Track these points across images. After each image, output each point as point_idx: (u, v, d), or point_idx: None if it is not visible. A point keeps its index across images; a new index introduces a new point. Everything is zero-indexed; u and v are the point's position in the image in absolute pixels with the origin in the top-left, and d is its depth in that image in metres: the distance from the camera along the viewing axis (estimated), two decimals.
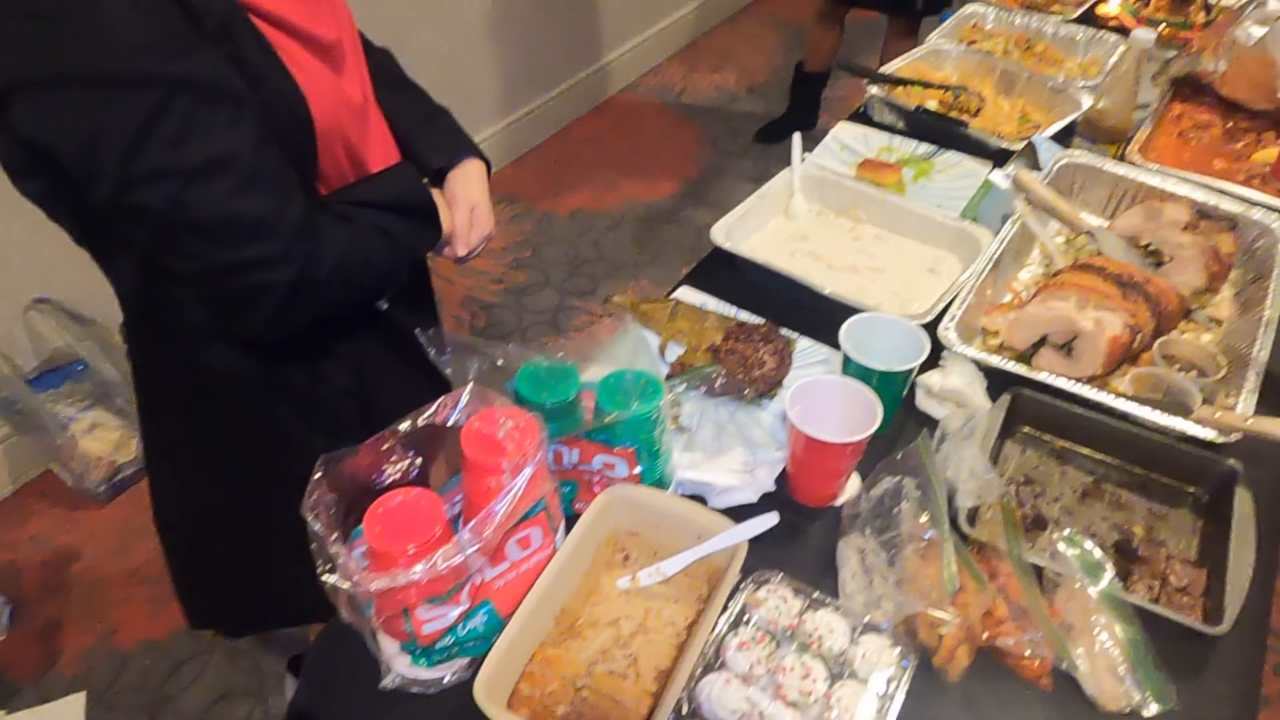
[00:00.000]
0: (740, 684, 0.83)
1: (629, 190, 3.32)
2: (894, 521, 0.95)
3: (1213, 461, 1.06)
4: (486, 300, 2.82)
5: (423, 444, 0.82)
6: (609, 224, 3.15)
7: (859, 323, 1.13)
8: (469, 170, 1.20)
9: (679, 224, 3.16)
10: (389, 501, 0.76)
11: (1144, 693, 0.81)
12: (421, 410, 0.82)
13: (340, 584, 0.72)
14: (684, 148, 3.55)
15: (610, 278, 2.92)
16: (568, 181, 3.35)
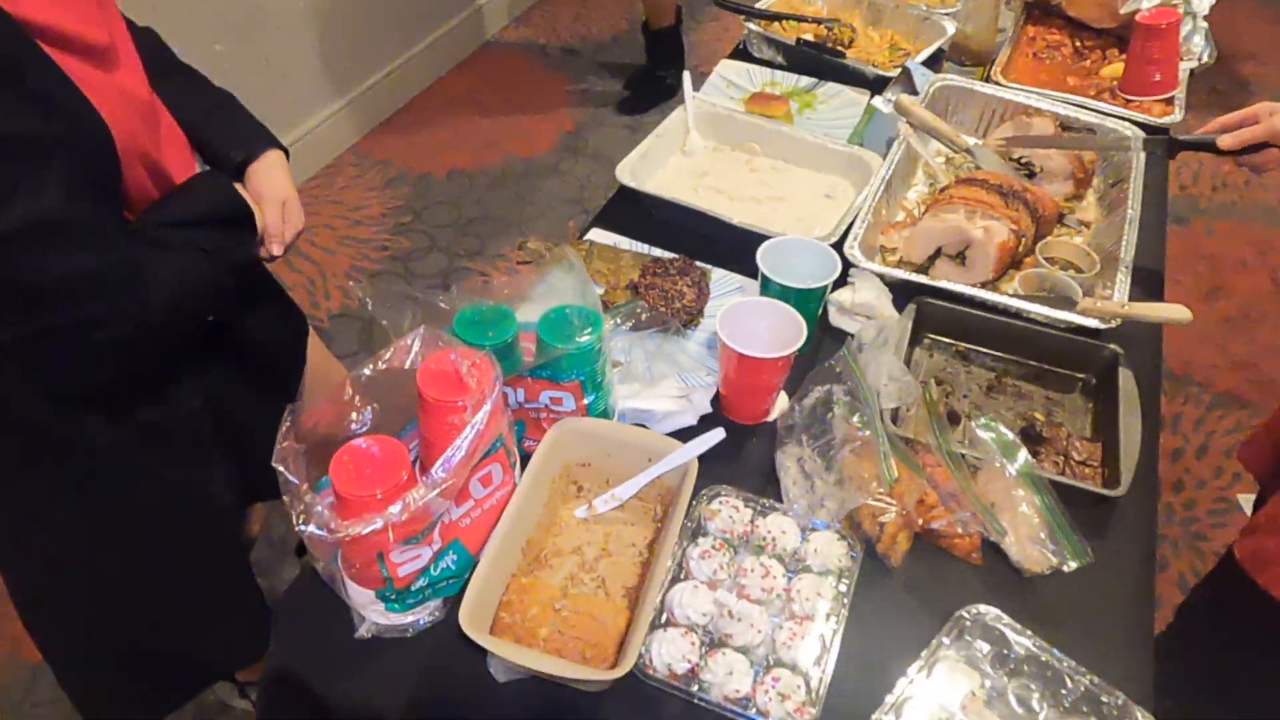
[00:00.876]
0: (706, 589, 0.88)
1: (506, 146, 3.28)
2: (827, 427, 1.03)
3: (1096, 348, 1.19)
4: (372, 269, 2.74)
5: (379, 390, 0.83)
6: (489, 182, 3.12)
7: (774, 246, 1.19)
8: (271, 162, 1.14)
9: (560, 177, 3.16)
10: (353, 449, 0.77)
11: (1063, 553, 0.92)
12: (379, 354, 0.82)
13: (316, 532, 0.72)
14: (557, 99, 3.53)
15: (498, 235, 2.90)
16: (442, 141, 3.28)
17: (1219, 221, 3.04)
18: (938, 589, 0.95)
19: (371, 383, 0.81)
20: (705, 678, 0.82)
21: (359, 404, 0.81)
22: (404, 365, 0.81)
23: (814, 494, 0.99)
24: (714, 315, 1.25)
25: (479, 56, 3.77)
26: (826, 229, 1.37)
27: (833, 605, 0.88)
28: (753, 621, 0.85)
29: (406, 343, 0.82)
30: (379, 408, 0.83)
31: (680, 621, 0.86)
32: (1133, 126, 1.58)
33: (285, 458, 0.73)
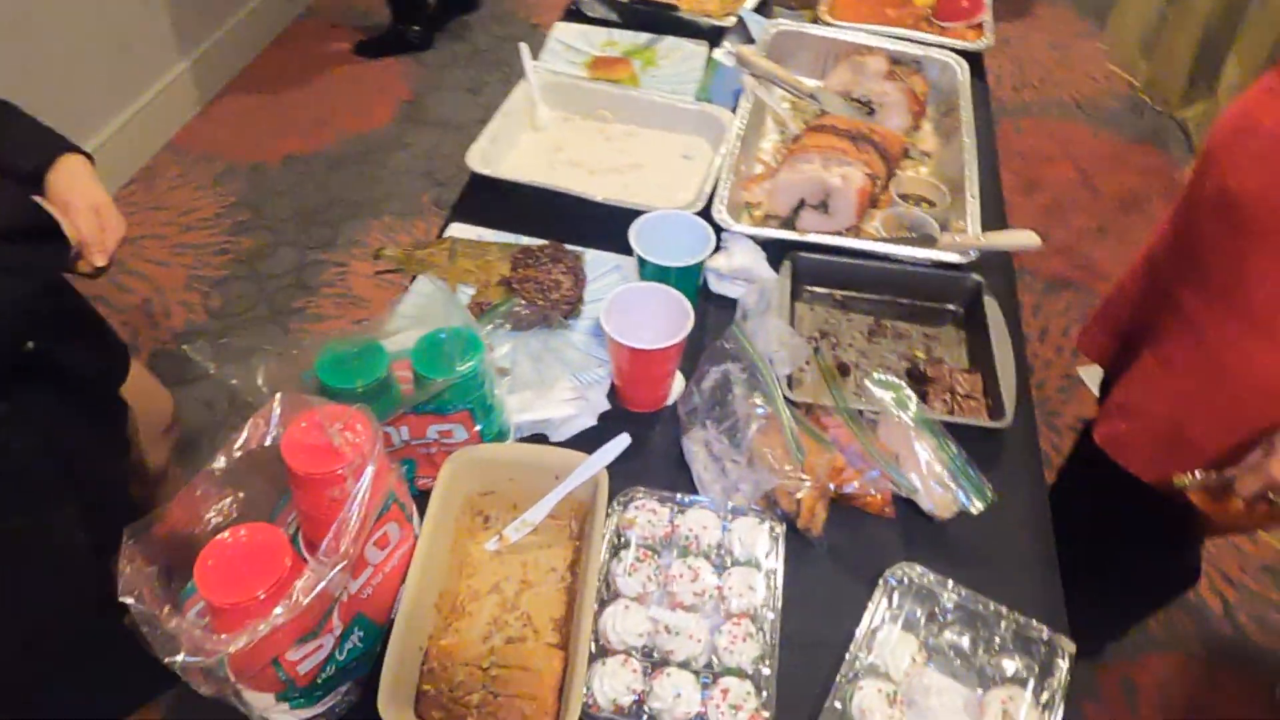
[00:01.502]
0: (638, 606, 0.80)
1: (340, 124, 2.98)
2: (729, 408, 0.96)
3: (961, 279, 1.17)
4: (215, 276, 2.44)
5: (240, 475, 0.68)
6: (329, 164, 2.83)
7: (645, 225, 1.09)
8: (73, 168, 0.98)
9: (407, 149, 2.90)
10: (219, 548, 0.63)
11: (969, 495, 0.90)
12: (232, 440, 0.67)
13: (190, 662, 0.59)
14: (386, 67, 3.23)
15: (350, 220, 2.64)
16: (269, 126, 2.94)
17: (1024, 119, 3.16)
18: (860, 552, 0.91)
19: (229, 473, 0.67)
20: (653, 705, 0.74)
21: (216, 497, 0.67)
22: (265, 443, 0.67)
23: (727, 478, 0.93)
24: (595, 300, 1.15)
25: (293, 31, 3.39)
26: (689, 194, 1.28)
27: (766, 595, 0.82)
28: (691, 633, 0.78)
29: (263, 418, 0.68)
30: (242, 495, 0.68)
31: (617, 648, 0.78)
32: (953, 55, 1.56)
33: (132, 587, 0.59)
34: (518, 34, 3.49)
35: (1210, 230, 1.02)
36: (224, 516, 0.67)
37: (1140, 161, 3.00)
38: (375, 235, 2.60)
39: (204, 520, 0.66)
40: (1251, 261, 0.97)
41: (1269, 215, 0.93)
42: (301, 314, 2.34)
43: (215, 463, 0.66)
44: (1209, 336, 1.05)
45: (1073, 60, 3.46)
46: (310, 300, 2.39)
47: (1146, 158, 3.02)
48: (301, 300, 2.39)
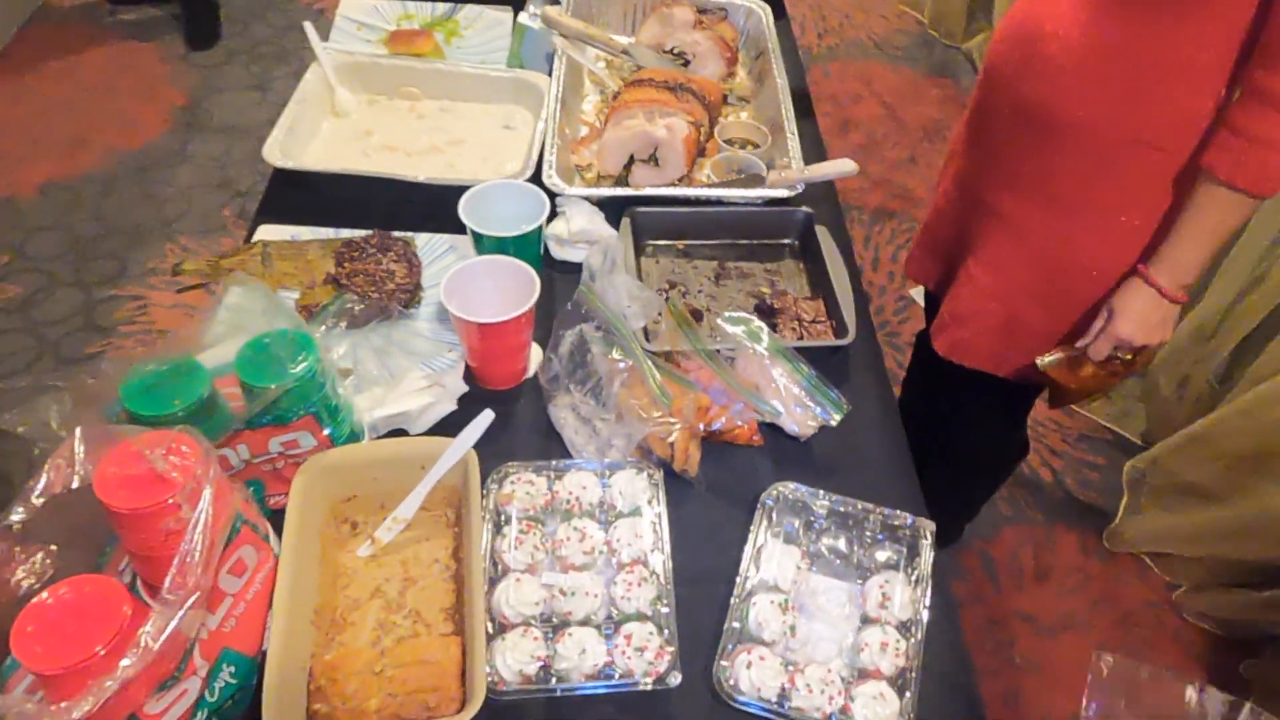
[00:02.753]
0: (529, 577, 0.81)
1: (105, 141, 2.70)
2: (590, 369, 0.97)
3: (792, 213, 1.24)
4: None
5: (47, 527, 0.62)
6: (100, 189, 2.57)
7: (474, 197, 1.08)
8: None
9: (192, 162, 2.69)
10: (37, 611, 0.57)
11: (826, 409, 0.96)
12: (29, 488, 0.60)
13: None
14: (151, 70, 2.96)
15: (139, 247, 2.42)
16: (15, 154, 2.63)
17: (831, 64, 3.35)
18: (736, 482, 0.96)
19: (32, 526, 0.60)
20: (560, 667, 0.75)
21: (20, 556, 0.60)
22: (71, 485, 0.61)
23: (599, 436, 0.94)
24: (434, 285, 1.13)
25: (27, 36, 3.04)
26: (517, 164, 1.28)
27: (653, 539, 0.85)
28: (586, 590, 0.80)
29: (64, 456, 0.62)
30: (55, 549, 0.62)
31: (514, 622, 0.78)
32: (756, 1, 1.63)
33: None
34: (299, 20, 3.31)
35: (1011, 135, 1.13)
36: (37, 577, 0.61)
37: (937, 93, 3.27)
38: (173, 261, 2.40)
39: (13, 584, 0.59)
40: (1055, 156, 1.07)
41: (1065, 112, 1.03)
42: (98, 360, 2.13)
43: (11, 515, 0.59)
44: (1029, 232, 1.15)
45: (867, 3, 3.70)
46: (107, 343, 2.18)
47: (942, 89, 3.29)
48: (96, 344, 2.18)
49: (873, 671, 0.80)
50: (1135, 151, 1.02)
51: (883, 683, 0.79)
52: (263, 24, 3.27)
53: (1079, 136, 1.04)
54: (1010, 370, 1.27)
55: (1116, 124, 1.02)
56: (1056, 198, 1.10)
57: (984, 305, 1.23)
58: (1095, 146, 1.04)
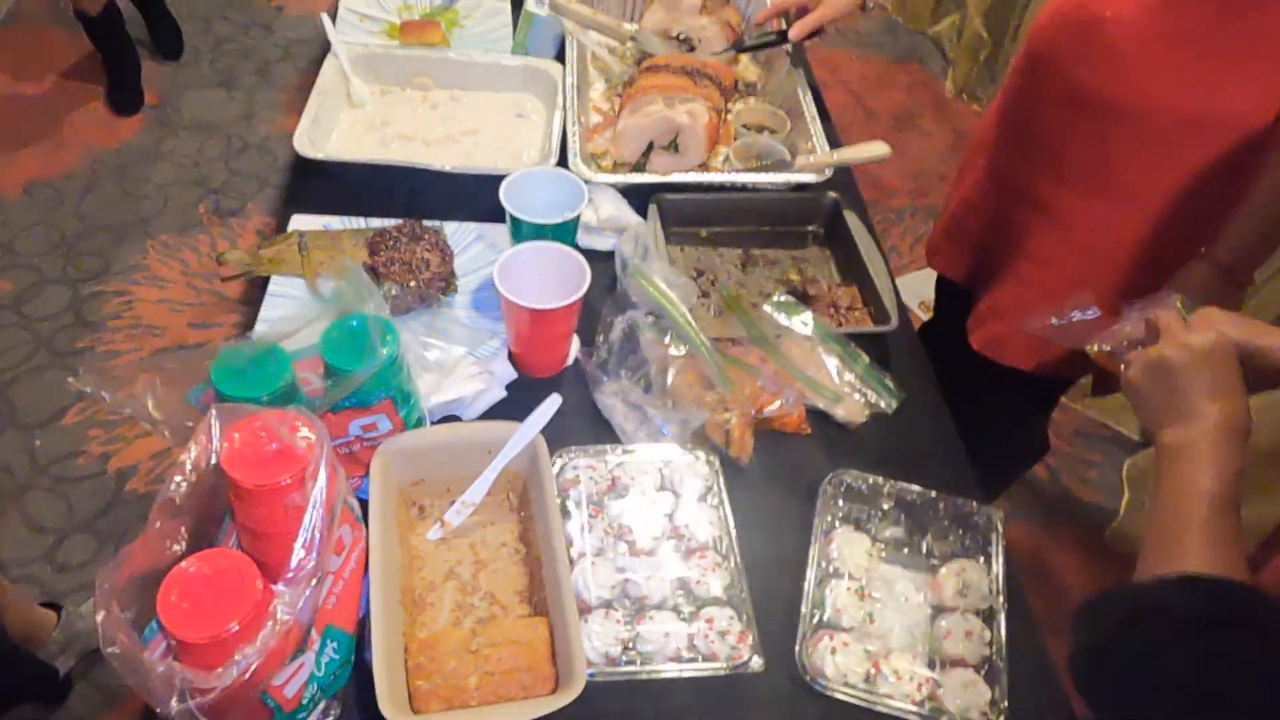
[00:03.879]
0: (603, 560, 0.84)
1: (84, 140, 2.67)
2: (640, 356, 1.00)
3: (818, 199, 1.28)
4: None
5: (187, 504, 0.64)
6: (82, 187, 2.54)
7: (512, 184, 1.10)
8: None
9: (169, 159, 2.66)
10: (181, 579, 0.60)
11: (881, 397, 1.01)
12: (181, 461, 0.63)
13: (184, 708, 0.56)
14: None
15: (122, 244, 2.39)
16: None
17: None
18: (788, 469, 0.99)
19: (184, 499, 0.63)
20: (644, 649, 0.79)
21: (173, 528, 0.63)
22: (211, 461, 0.64)
23: (650, 423, 0.97)
24: (467, 275, 1.16)
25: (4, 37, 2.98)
26: (535, 153, 1.30)
27: (720, 525, 0.89)
28: (660, 572, 0.83)
29: (204, 433, 0.64)
30: (189, 521, 0.65)
31: (594, 604, 0.81)
32: None
33: (110, 636, 0.55)
34: (261, 19, 3.28)
35: (1060, 123, 1.11)
36: (179, 547, 0.63)
37: (904, 79, 3.33)
38: (154, 257, 2.38)
39: (164, 553, 0.62)
40: (1113, 144, 1.07)
41: (1127, 97, 1.03)
42: (90, 354, 2.12)
43: (170, 489, 0.62)
44: (1079, 223, 1.14)
45: None
46: (97, 337, 2.16)
47: (909, 75, 3.36)
48: (87, 339, 2.16)
49: (957, 659, 0.82)
50: (1206, 133, 1.01)
51: (970, 670, 0.81)
52: (224, 22, 3.23)
53: (1141, 121, 1.04)
54: (1045, 365, 1.25)
55: (1186, 107, 1.00)
56: (1112, 186, 1.10)
57: (1025, 300, 1.22)
58: (1160, 131, 1.03)
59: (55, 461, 1.93)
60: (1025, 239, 1.22)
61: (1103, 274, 1.16)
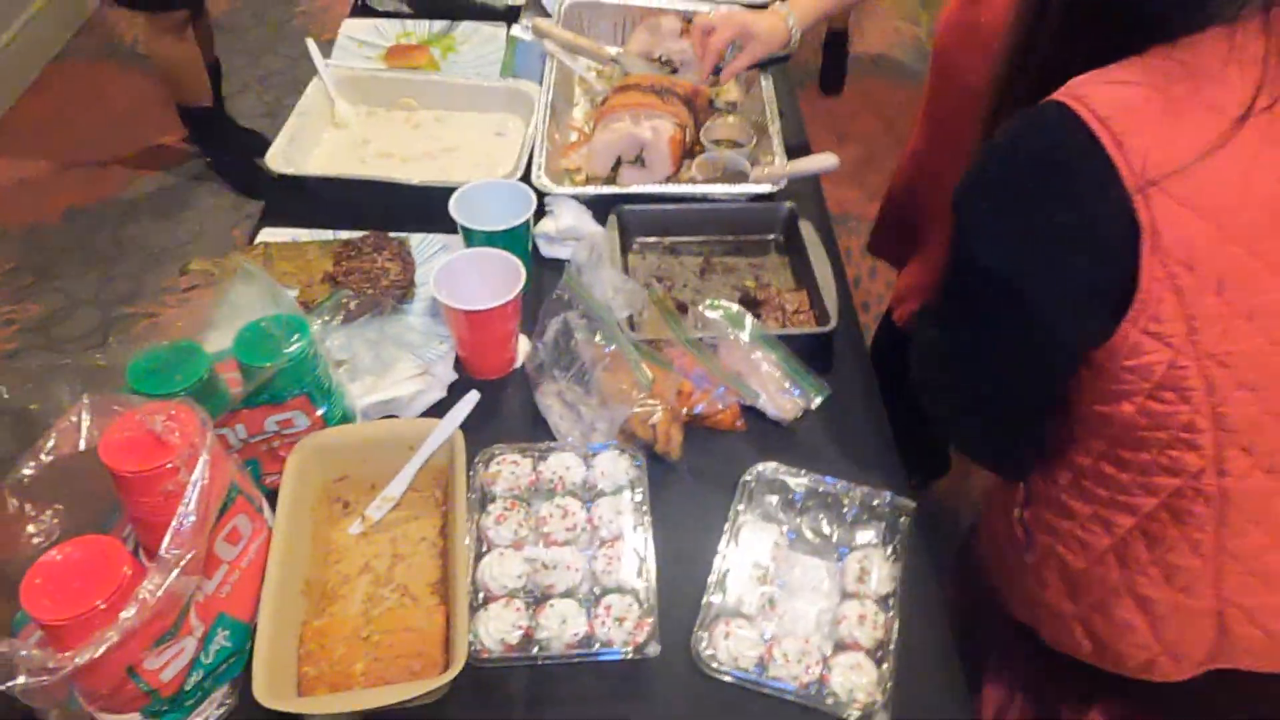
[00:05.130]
0: (513, 551, 0.84)
1: (126, 169, 2.80)
2: (574, 355, 1.01)
3: (775, 209, 1.28)
4: (4, 350, 2.25)
5: (53, 489, 0.66)
6: (120, 214, 2.66)
7: (465, 195, 1.12)
8: None
9: (208, 187, 2.77)
10: (46, 567, 0.61)
11: (808, 394, 0.99)
12: (38, 446, 0.65)
13: (33, 683, 0.57)
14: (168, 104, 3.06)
15: (153, 269, 2.50)
16: (39, 181, 2.73)
17: None
18: (719, 466, 0.98)
19: (39, 483, 0.65)
20: (541, 636, 0.78)
21: (31, 513, 0.65)
22: (77, 448, 0.66)
23: (583, 421, 0.98)
24: (427, 283, 1.17)
25: (57, 71, 3.16)
26: (508, 168, 1.32)
27: (635, 517, 0.88)
28: (568, 564, 0.83)
29: (70, 420, 0.66)
30: (62, 509, 0.66)
31: (498, 594, 0.81)
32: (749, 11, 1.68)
33: None
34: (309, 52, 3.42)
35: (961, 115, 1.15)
36: (46, 535, 0.65)
37: None
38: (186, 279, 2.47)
39: (20, 540, 0.64)
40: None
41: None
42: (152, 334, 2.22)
43: (22, 469, 0.64)
44: None
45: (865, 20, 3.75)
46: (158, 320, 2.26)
47: None
48: (147, 320, 2.26)
49: (851, 644, 0.82)
50: None
51: (860, 654, 0.81)
52: (273, 55, 3.38)
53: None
54: None
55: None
56: None
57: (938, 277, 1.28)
58: None
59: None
60: (939, 220, 1.26)
61: None
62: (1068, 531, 0.86)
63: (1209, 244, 0.66)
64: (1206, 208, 0.66)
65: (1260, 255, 0.67)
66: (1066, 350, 0.74)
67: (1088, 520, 0.84)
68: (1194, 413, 0.72)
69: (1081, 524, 0.84)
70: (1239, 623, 0.81)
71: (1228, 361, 0.70)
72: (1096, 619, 0.87)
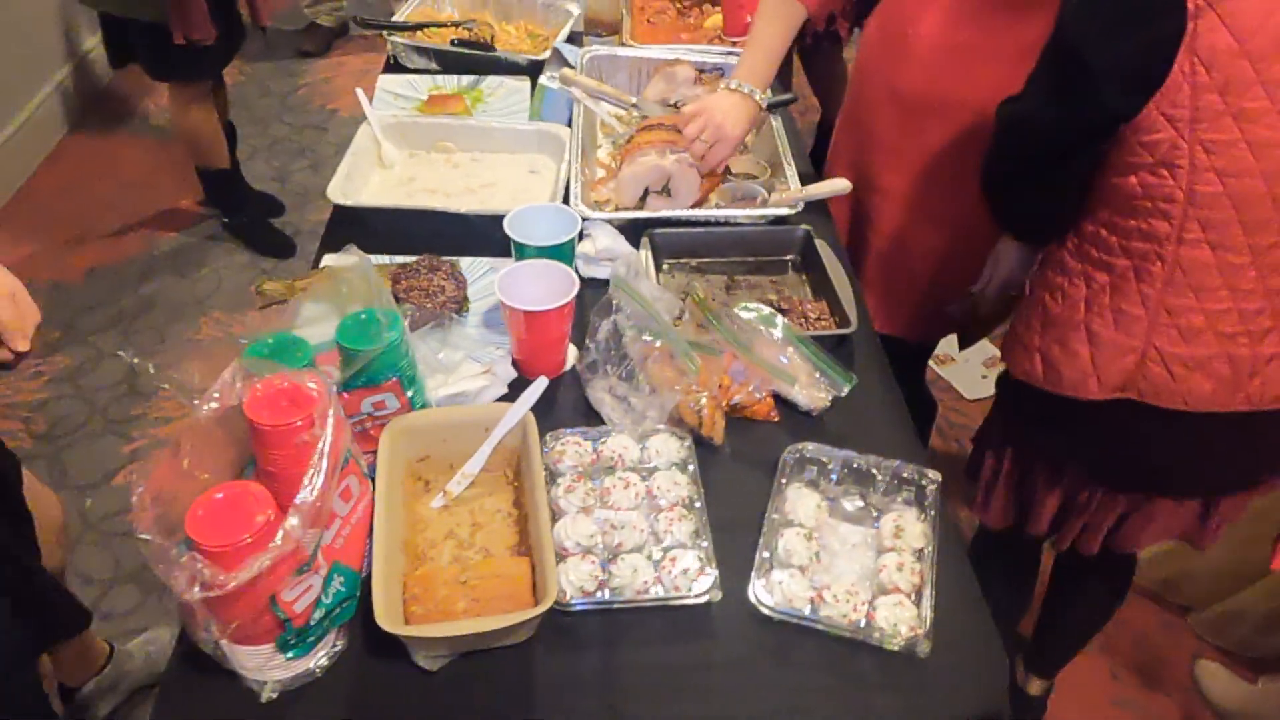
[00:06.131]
0: (583, 515, 0.95)
1: (146, 229, 2.96)
2: (624, 353, 1.13)
3: (792, 231, 1.43)
4: (33, 400, 2.35)
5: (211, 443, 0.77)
6: (141, 271, 2.80)
7: (515, 217, 1.26)
8: None
9: (221, 245, 2.92)
10: (208, 502, 0.72)
11: (837, 383, 1.12)
12: (206, 396, 0.76)
13: (201, 594, 0.67)
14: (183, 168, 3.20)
15: (177, 321, 2.63)
16: (61, 242, 2.87)
17: None
18: (757, 449, 1.10)
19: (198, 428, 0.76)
20: (615, 584, 0.89)
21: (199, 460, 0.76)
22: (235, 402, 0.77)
23: (634, 411, 1.09)
24: (479, 299, 1.31)
25: (75, 139, 3.34)
26: (543, 200, 1.47)
27: (690, 489, 0.99)
28: (634, 525, 0.94)
29: (227, 379, 0.78)
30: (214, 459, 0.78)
31: (574, 551, 0.92)
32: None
33: (145, 525, 0.67)
34: (315, 121, 3.62)
35: (889, 121, 1.46)
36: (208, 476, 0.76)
37: None
38: (207, 331, 2.60)
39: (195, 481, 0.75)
40: (930, 134, 1.42)
41: (934, 95, 1.39)
42: (142, 420, 2.31)
43: (198, 413, 0.75)
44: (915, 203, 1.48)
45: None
46: (148, 405, 2.36)
47: None
48: (139, 407, 2.35)
49: (891, 588, 0.93)
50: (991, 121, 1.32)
51: (900, 595, 0.92)
52: (279, 123, 3.58)
53: (947, 114, 1.38)
54: (911, 330, 1.56)
55: (976, 100, 1.31)
56: (935, 169, 1.42)
57: (887, 272, 1.52)
58: (960, 121, 1.37)
59: (105, 518, 2.09)
60: (879, 222, 1.54)
61: (940, 241, 1.50)
62: (1057, 284, 1.16)
63: (1228, 55, 0.92)
64: (1236, 28, 0.91)
65: (1259, 71, 0.93)
66: (1109, 116, 1.01)
67: (1075, 276, 1.14)
68: (1175, 187, 1.00)
69: (1070, 278, 1.15)
70: (1155, 362, 1.10)
71: (1211, 149, 0.97)
72: (1054, 348, 1.17)
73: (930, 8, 1.36)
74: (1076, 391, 1.15)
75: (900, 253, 1.55)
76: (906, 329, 1.60)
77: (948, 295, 1.55)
